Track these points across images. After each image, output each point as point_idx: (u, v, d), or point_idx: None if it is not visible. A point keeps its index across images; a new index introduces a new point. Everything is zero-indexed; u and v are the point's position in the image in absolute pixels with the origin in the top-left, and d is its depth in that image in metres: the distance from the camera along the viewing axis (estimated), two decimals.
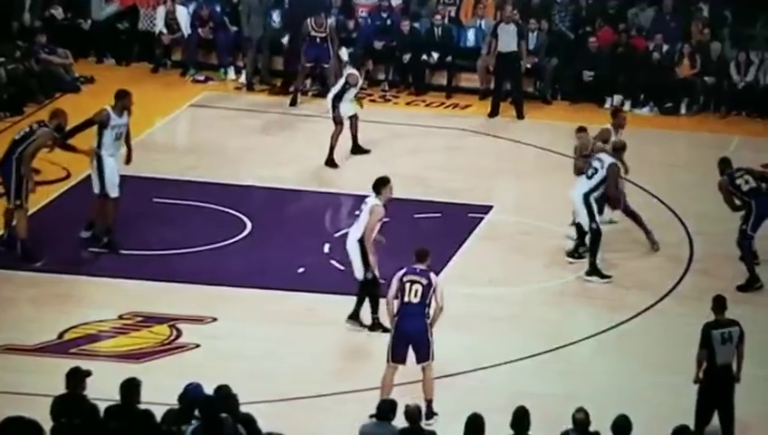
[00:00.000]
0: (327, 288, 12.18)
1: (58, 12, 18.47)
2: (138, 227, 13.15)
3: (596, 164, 12.75)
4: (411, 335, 10.10)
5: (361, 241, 11.35)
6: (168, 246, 12.75)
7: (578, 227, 12.84)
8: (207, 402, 8.45)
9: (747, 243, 12.33)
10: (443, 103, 17.69)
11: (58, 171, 14.44)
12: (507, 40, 16.77)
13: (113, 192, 12.64)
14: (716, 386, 9.61)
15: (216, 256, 12.87)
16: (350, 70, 15.23)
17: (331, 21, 17.35)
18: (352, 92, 14.98)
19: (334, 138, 14.91)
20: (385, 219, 13.77)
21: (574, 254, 12.87)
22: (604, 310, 12.07)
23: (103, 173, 12.64)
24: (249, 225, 13.43)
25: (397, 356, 10.08)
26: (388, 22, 18.10)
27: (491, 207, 14.06)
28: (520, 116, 16.86)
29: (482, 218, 13.81)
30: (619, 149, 13.08)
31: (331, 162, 14.91)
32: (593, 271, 12.51)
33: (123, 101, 12.89)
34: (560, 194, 13.20)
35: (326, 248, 12.98)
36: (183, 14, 17.99)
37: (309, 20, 17.00)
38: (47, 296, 11.72)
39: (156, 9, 17.92)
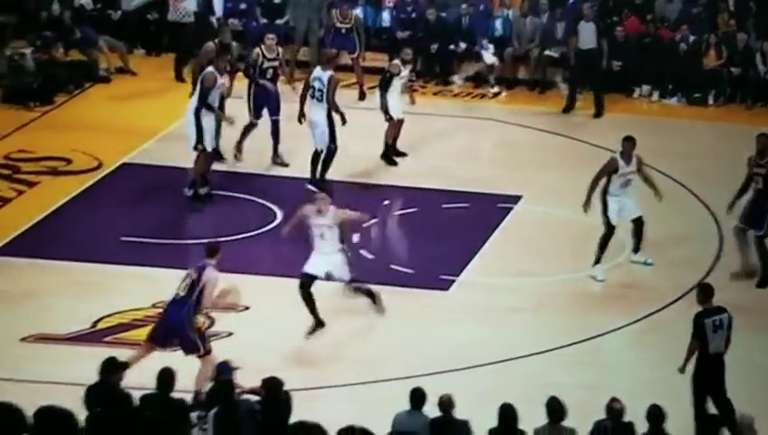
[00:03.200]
0: (356, 277, 12.13)
1: (87, 2, 18.49)
2: (170, 216, 13.17)
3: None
4: (170, 324, 9.99)
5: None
6: (201, 235, 12.74)
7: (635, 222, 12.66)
8: (222, 385, 8.50)
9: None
10: (470, 93, 17.64)
11: (90, 161, 14.47)
12: (587, 37, 16.60)
13: (209, 145, 13.13)
14: (710, 374, 9.57)
15: (248, 246, 12.88)
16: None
17: (356, 12, 17.29)
18: (398, 84, 14.71)
19: (388, 134, 14.71)
20: (412, 209, 13.86)
21: (636, 250, 12.68)
22: (633, 301, 12.00)
23: (202, 127, 13.15)
24: (279, 214, 13.42)
25: (153, 338, 9.97)
26: (413, 15, 18.04)
27: (520, 197, 13.99)
28: (599, 114, 16.59)
29: (510, 208, 13.75)
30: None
31: (388, 158, 14.74)
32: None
33: (218, 61, 13.47)
34: (587, 183, 13.08)
35: (355, 238, 12.96)
36: (218, 2, 17.92)
37: (334, 11, 16.98)
38: (81, 285, 11.76)
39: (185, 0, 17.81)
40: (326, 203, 11.16)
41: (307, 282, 11.07)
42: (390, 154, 14.88)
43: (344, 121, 14.01)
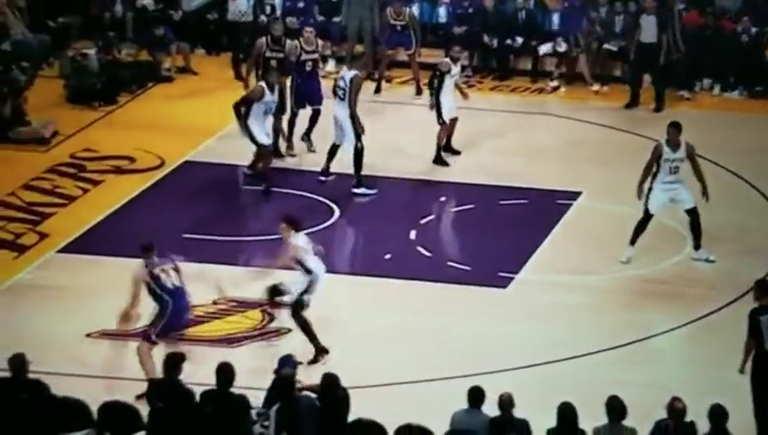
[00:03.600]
0: (413, 274, 12.19)
1: (149, 3, 18.70)
2: (230, 213, 13.29)
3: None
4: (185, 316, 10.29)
5: None
6: (259, 232, 12.82)
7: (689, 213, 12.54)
8: (285, 381, 8.56)
9: None
10: (528, 88, 17.56)
11: (153, 159, 14.66)
12: (649, 31, 16.46)
13: (264, 140, 13.41)
14: (767, 372, 9.43)
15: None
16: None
17: (410, 9, 17.30)
18: (450, 82, 14.70)
19: (440, 137, 14.67)
20: (469, 206, 13.85)
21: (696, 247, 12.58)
22: (694, 298, 11.89)
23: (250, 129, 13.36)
24: (337, 211, 13.49)
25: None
26: (470, 10, 17.99)
27: (580, 193, 13.88)
28: (659, 108, 16.42)
29: (570, 205, 13.65)
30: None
31: (440, 160, 14.69)
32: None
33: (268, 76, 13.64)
34: (649, 178, 12.95)
35: (412, 235, 12.99)
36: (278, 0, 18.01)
37: (388, 9, 17.01)
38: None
39: None
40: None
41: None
42: (442, 155, 14.73)
43: (362, 131, 13.96)
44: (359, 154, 13.96)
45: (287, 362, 8.90)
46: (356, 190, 13.87)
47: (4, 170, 14.26)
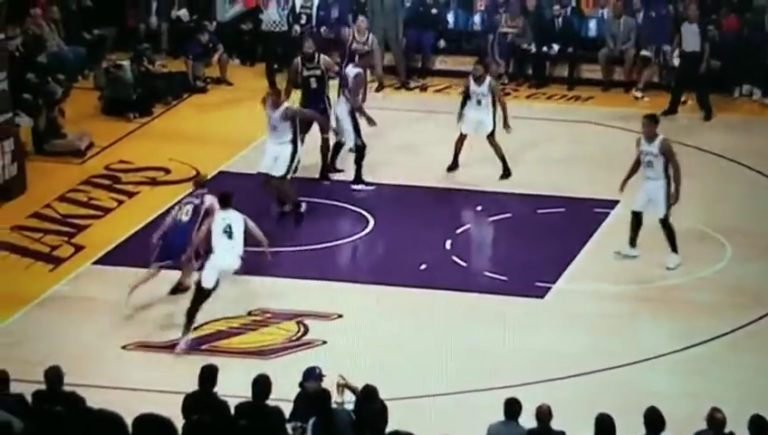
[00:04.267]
0: (449, 285, 12.15)
1: (183, 14, 18.82)
2: (266, 223, 13.26)
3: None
4: (176, 248, 11.51)
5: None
6: (293, 243, 12.83)
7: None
8: (320, 396, 8.53)
9: None
10: (564, 96, 17.46)
11: (188, 170, 14.69)
12: (691, 40, 16.33)
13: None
14: None
15: (341, 253, 12.97)
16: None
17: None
18: (473, 98, 14.47)
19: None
20: (507, 215, 13.78)
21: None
22: (736, 307, 11.75)
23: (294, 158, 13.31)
24: (372, 221, 13.48)
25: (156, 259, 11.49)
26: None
27: (617, 201, 13.72)
28: (708, 117, 16.27)
29: (608, 213, 13.55)
30: None
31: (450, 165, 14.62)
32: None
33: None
34: (689, 186, 12.87)
35: (447, 245, 12.95)
36: (315, 6, 17.98)
37: (504, 15, 17.30)
38: (179, 293, 11.89)
39: (277, 6, 17.80)
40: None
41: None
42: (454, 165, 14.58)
43: (371, 123, 14.11)
44: (359, 151, 13.97)
45: (311, 375, 8.88)
46: (354, 187, 13.90)
47: (40, 183, 14.37)
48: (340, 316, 11.59)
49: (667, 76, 17.47)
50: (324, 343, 11.16)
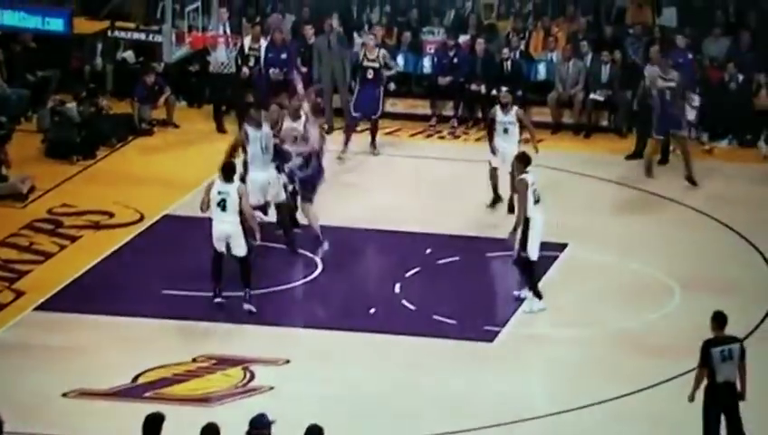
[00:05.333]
0: (398, 329, 12.19)
1: (129, 55, 18.83)
2: (208, 268, 13.27)
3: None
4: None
5: None
6: (239, 286, 12.83)
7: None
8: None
9: None
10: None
11: (132, 214, 14.67)
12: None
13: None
14: (719, 403, 9.68)
15: (288, 297, 12.96)
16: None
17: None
18: (499, 128, 14.55)
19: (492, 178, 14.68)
20: (455, 258, 13.87)
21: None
22: (681, 352, 11.86)
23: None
24: (320, 265, 13.51)
25: None
26: (455, 60, 18.15)
27: (566, 245, 13.91)
28: (665, 161, 16.29)
29: (557, 256, 13.67)
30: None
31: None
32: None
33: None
34: (638, 230, 13.06)
35: (397, 288, 13.01)
36: (263, 48, 18.07)
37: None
38: (122, 339, 11.90)
39: (225, 48, 17.85)
40: None
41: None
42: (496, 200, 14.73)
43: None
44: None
45: (260, 422, 8.85)
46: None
47: None
48: (287, 362, 11.59)
49: (615, 120, 17.75)
50: (271, 388, 11.14)
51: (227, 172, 12.41)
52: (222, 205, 12.28)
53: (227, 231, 12.32)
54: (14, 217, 14.71)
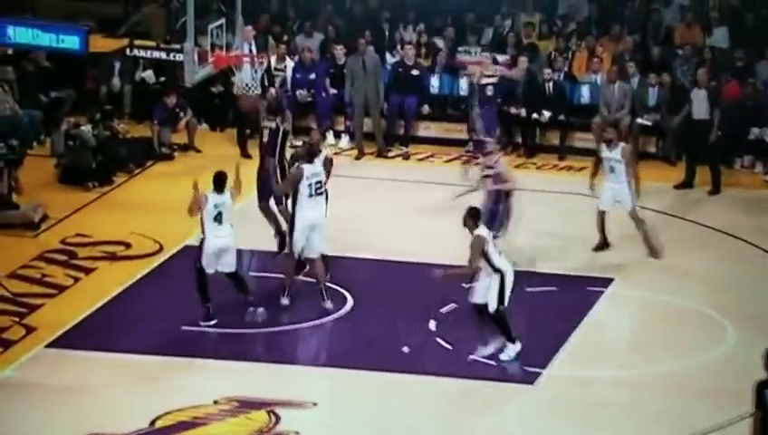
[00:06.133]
0: (433, 369, 12.06)
1: (149, 75, 18.87)
2: (235, 303, 13.21)
3: None
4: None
5: None
6: (265, 324, 12.72)
7: None
8: None
9: None
10: (555, 165, 17.55)
11: (150, 245, 14.63)
12: (700, 106, 16.41)
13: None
14: None
15: (315, 334, 12.86)
16: None
17: None
18: (606, 165, 14.37)
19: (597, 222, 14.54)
20: None
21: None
22: (734, 396, 11.68)
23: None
24: (350, 300, 13.41)
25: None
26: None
27: (611, 280, 13.81)
28: (716, 191, 16.33)
29: (602, 292, 13.60)
30: None
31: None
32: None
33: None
34: (688, 263, 12.92)
35: (432, 325, 12.89)
36: (291, 68, 18.07)
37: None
38: (139, 379, 11.81)
39: (250, 68, 17.84)
40: None
41: None
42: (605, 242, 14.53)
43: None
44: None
45: None
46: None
47: None
48: (315, 404, 11.47)
49: (664, 147, 17.62)
50: (297, 434, 11.04)
51: (219, 183, 12.67)
52: (218, 218, 12.54)
53: (220, 245, 12.59)
54: (26, 247, 14.70)
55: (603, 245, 14.52)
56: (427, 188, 16.34)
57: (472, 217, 12.22)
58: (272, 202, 14.17)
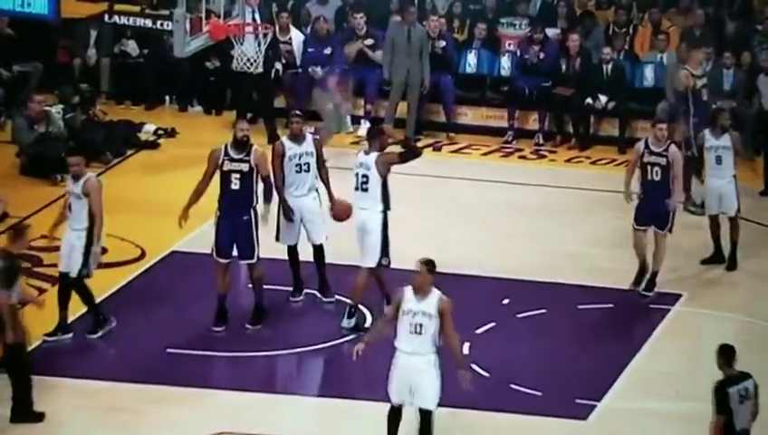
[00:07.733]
0: (468, 401, 11.89)
1: (130, 47, 18.81)
2: (231, 321, 13.12)
3: None
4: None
5: None
6: (264, 347, 12.68)
7: None
8: None
9: None
10: (614, 160, 17.50)
11: (130, 250, 14.56)
12: None
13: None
14: None
15: (328, 358, 12.81)
16: None
17: None
18: (710, 158, 14.49)
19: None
20: (541, 311, 13.66)
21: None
22: None
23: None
24: (369, 317, 13.31)
25: None
26: (541, 55, 18.00)
27: (679, 296, 13.79)
28: None
29: (668, 310, 13.57)
30: None
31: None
32: None
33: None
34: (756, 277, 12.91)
35: (466, 348, 12.80)
36: (298, 41, 17.93)
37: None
38: (112, 411, 11.71)
39: (254, 40, 17.62)
40: None
41: None
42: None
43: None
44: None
45: None
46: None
47: None
48: None
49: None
50: None
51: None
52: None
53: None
54: None
55: (716, 257, 14.40)
56: (461, 186, 16.26)
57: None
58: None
